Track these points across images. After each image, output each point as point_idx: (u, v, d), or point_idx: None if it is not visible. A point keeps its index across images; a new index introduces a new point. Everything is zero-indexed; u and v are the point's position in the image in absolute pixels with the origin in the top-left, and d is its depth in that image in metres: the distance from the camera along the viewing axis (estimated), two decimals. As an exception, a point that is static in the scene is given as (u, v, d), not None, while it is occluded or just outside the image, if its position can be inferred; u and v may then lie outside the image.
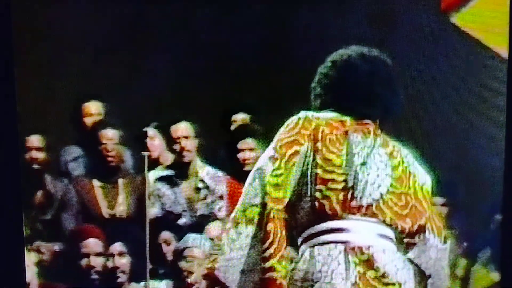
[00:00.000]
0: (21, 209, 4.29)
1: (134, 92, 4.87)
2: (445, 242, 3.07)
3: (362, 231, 2.91)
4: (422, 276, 3.04)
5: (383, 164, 2.95)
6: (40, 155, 4.90)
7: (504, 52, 4.59)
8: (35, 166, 4.88)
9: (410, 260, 3.00)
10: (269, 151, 2.92)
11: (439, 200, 4.82)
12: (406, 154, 3.04)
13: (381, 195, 2.93)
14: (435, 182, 3.11)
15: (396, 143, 3.05)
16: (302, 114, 2.98)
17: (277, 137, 2.95)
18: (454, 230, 4.83)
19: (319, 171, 2.90)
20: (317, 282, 2.88)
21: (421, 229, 3.00)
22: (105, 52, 4.84)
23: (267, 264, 2.85)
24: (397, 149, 3.02)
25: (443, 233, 3.07)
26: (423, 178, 3.06)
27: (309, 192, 2.91)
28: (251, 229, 2.86)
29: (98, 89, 4.96)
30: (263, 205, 2.88)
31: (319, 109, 3.05)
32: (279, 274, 2.85)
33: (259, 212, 2.87)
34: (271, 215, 2.88)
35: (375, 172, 2.93)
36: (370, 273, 2.89)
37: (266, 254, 2.86)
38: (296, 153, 2.91)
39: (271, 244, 2.86)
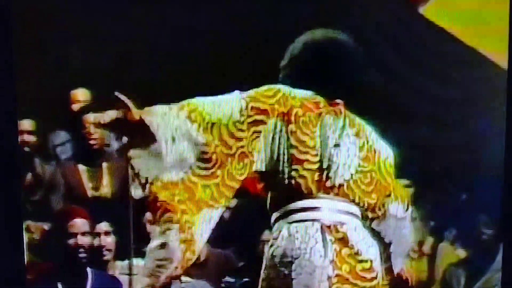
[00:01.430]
0: (20, 190, 4.45)
1: (122, 80, 4.86)
2: (406, 209, 3.20)
3: (334, 210, 3.04)
4: (384, 246, 3.16)
5: (352, 145, 3.08)
6: (32, 139, 4.95)
7: (468, 41, 4.79)
8: (26, 149, 4.92)
9: (372, 232, 3.12)
10: (241, 100, 2.99)
11: (404, 181, 5.03)
12: (370, 132, 3.15)
13: (351, 175, 3.06)
14: (397, 157, 3.21)
15: (360, 120, 3.16)
16: (282, 88, 3.05)
17: (252, 92, 3.03)
18: (422, 210, 4.94)
19: (294, 151, 3.01)
20: (296, 258, 2.97)
21: (384, 202, 3.13)
22: (96, 42, 4.89)
23: (193, 178, 2.94)
24: (362, 128, 3.13)
25: (406, 201, 3.20)
26: (385, 153, 3.17)
27: (285, 170, 3.01)
28: (195, 126, 2.96)
29: (87, 77, 4.99)
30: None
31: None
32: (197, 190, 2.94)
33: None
34: (219, 149, 2.95)
35: (346, 153, 3.07)
36: (345, 251, 3.01)
37: (202, 172, 2.94)
38: (261, 122, 2.99)
39: (213, 165, 2.95)
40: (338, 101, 3.11)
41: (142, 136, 2.91)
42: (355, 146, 3.09)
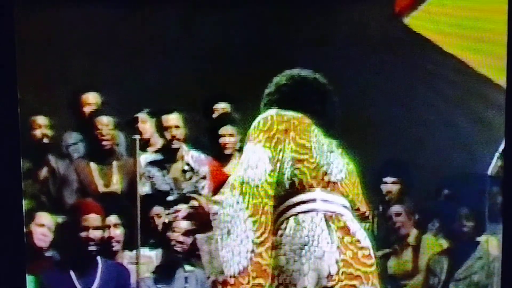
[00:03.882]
0: (20, 184, 4.52)
1: (129, 85, 5.15)
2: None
3: (332, 202, 3.24)
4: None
5: (339, 156, 3.34)
6: (48, 132, 5.21)
7: (446, 47, 4.97)
8: (45, 140, 5.18)
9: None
10: (265, 150, 3.18)
11: (392, 179, 5.29)
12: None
13: (342, 178, 3.29)
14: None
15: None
16: (272, 111, 3.29)
17: (261, 135, 3.19)
18: (407, 204, 5.22)
19: (295, 154, 3.23)
20: (305, 245, 3.11)
21: (367, 218, 3.39)
22: (104, 49, 5.11)
23: (257, 250, 3.09)
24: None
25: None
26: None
27: (288, 171, 3.22)
28: (241, 199, 3.11)
29: (97, 82, 5.24)
30: (259, 195, 3.14)
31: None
32: (265, 262, 3.10)
33: (252, 194, 3.14)
34: (266, 209, 3.14)
35: (336, 159, 3.31)
36: (347, 238, 3.17)
37: (257, 241, 3.09)
38: (280, 151, 3.21)
39: (262, 233, 3.11)
40: None
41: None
42: (341, 159, 3.35)
